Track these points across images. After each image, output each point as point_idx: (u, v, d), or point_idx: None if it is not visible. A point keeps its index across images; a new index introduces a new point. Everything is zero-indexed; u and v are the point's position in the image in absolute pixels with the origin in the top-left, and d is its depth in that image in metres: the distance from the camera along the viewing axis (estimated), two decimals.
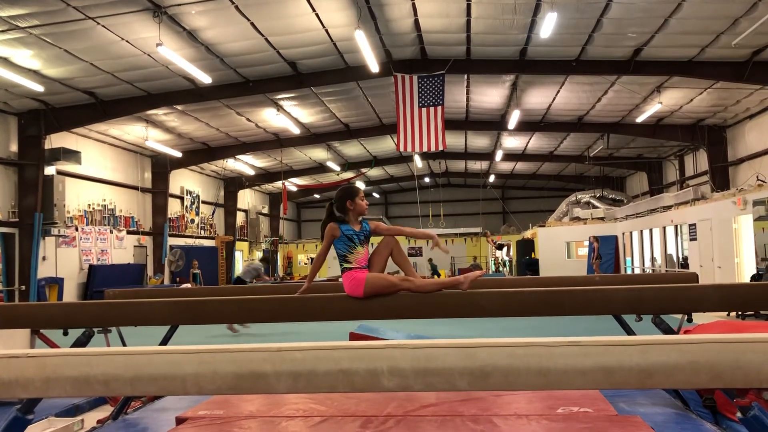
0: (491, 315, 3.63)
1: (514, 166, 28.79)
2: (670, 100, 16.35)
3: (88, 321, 3.90)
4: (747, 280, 12.22)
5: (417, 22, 12.81)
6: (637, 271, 19.98)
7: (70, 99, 14.75)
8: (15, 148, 15.04)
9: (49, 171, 15.48)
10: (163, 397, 5.02)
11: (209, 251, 24.84)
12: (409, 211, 33.16)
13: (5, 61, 12.03)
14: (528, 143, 23.63)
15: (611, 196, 25.63)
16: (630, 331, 4.39)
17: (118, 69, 13.37)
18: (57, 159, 15.55)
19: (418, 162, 26.21)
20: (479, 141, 24.66)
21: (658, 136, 19.51)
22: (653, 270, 18.67)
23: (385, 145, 24.54)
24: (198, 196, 24.80)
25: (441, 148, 15.02)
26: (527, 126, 19.95)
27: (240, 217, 28.83)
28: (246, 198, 29.83)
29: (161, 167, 21.13)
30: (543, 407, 4.12)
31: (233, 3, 10.83)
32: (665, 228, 17.84)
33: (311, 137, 21.29)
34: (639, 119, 17.90)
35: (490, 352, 1.99)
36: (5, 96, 13.83)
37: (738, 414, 2.32)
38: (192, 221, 24.28)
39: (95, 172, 18.23)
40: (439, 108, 14.62)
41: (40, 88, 13.02)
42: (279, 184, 27.94)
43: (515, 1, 11.26)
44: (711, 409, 4.23)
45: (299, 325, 10.69)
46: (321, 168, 27.25)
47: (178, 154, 20.20)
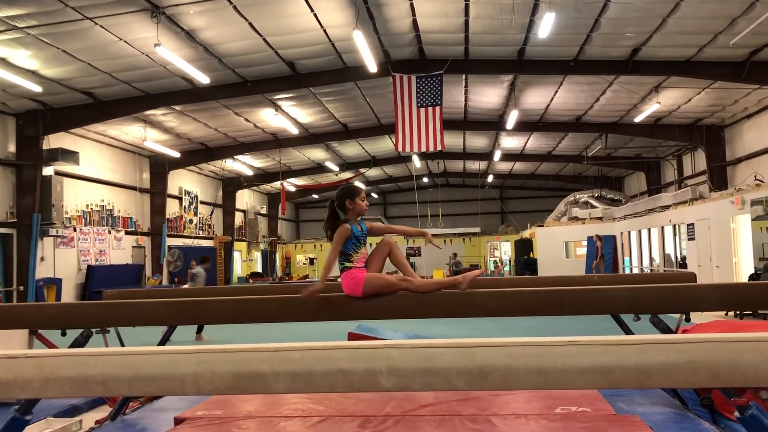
0: (490, 315, 3.63)
1: (512, 166, 28.81)
2: (668, 99, 16.36)
3: (86, 321, 3.89)
4: (745, 279, 12.23)
5: (415, 22, 12.80)
6: (636, 271, 19.99)
7: (68, 99, 14.73)
8: (13, 148, 15.02)
9: (47, 171, 15.46)
10: (162, 398, 5.01)
11: (208, 252, 24.76)
12: (408, 211, 33.16)
13: (3, 62, 12.01)
14: (526, 143, 23.64)
15: (609, 195, 25.66)
16: (628, 331, 4.39)
17: (116, 69, 13.36)
18: (55, 159, 15.54)
19: (416, 162, 26.20)
20: (477, 141, 24.68)
21: (656, 136, 19.53)
22: (651, 270, 18.68)
23: (384, 145, 24.53)
24: (196, 196, 24.78)
25: (439, 148, 15.03)
26: (525, 126, 19.98)
27: (238, 218, 28.82)
28: (244, 198, 29.82)
29: (159, 167, 21.13)
30: (541, 407, 4.12)
31: (231, 3, 10.82)
32: (663, 228, 17.86)
33: (310, 137, 21.28)
34: (637, 119, 17.92)
35: (488, 351, 1.99)
36: (3, 96, 13.81)
37: (736, 413, 2.32)
38: (190, 221, 24.27)
39: (93, 172, 18.21)
40: (438, 108, 14.63)
41: (38, 88, 13.01)
42: (277, 184, 27.96)
43: (513, 1, 11.27)
44: (709, 409, 4.24)
45: (298, 326, 10.65)
46: (319, 168, 27.27)
47: (176, 154, 20.19)
